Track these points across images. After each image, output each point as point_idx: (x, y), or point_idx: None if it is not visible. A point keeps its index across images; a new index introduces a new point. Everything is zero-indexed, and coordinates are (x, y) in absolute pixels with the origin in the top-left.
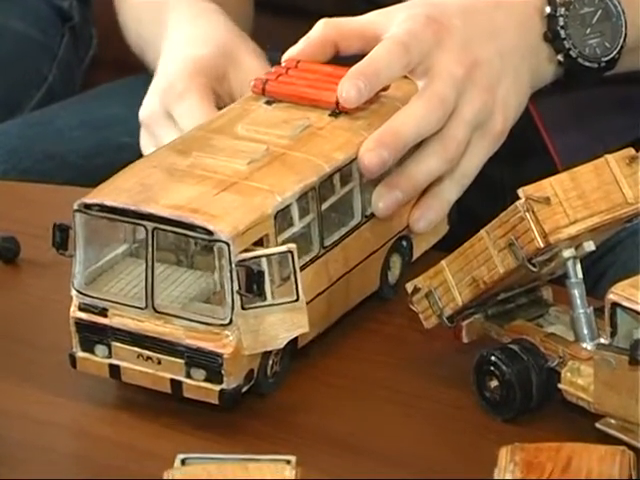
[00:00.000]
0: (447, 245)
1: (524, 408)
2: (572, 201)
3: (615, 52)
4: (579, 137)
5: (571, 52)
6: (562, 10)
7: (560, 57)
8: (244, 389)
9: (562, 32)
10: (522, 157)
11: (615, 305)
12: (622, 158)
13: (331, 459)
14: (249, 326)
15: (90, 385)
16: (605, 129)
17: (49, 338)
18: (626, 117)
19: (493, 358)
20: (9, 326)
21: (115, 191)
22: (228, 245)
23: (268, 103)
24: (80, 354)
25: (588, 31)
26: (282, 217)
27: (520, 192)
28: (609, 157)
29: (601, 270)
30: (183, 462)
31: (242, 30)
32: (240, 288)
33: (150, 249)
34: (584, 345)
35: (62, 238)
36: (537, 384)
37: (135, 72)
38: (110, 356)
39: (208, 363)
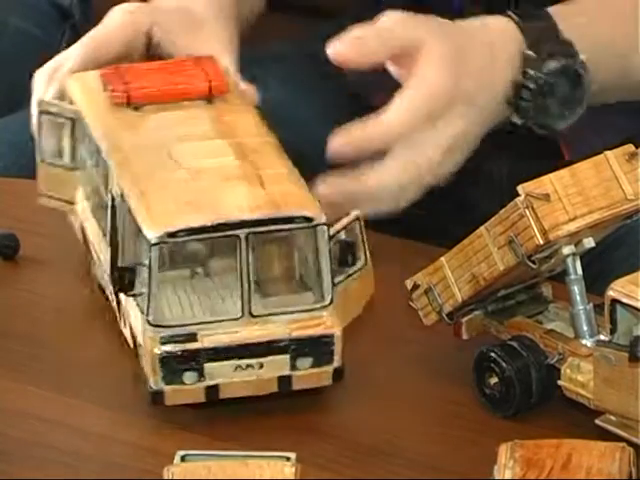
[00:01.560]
0: (447, 242)
1: (524, 405)
2: (572, 198)
3: (571, 120)
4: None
5: (528, 122)
6: (532, 85)
7: (516, 119)
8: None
9: (525, 105)
10: (526, 154)
11: (615, 302)
12: (622, 154)
13: (331, 456)
14: (338, 301)
15: (90, 383)
16: (605, 124)
17: (49, 335)
18: (627, 115)
19: (493, 355)
20: (9, 323)
21: (177, 215)
22: (328, 227)
23: (136, 109)
24: (168, 388)
25: (549, 102)
26: None
27: (520, 189)
28: (609, 153)
29: (597, 269)
30: (183, 459)
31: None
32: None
33: (245, 256)
34: (584, 342)
35: (131, 280)
36: (537, 381)
37: None
38: (202, 379)
39: (317, 348)
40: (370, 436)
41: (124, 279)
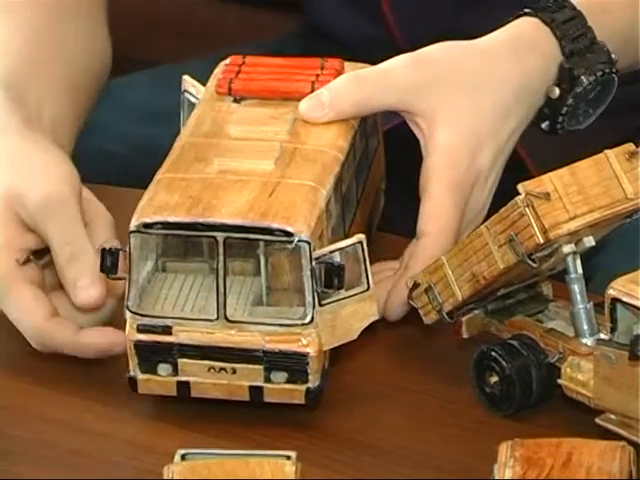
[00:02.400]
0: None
1: (524, 404)
2: (572, 196)
3: (595, 116)
4: (547, 144)
5: (557, 127)
6: (570, 100)
7: (544, 126)
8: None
9: (560, 118)
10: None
11: (615, 300)
12: (622, 153)
13: (331, 454)
14: (325, 322)
15: (90, 381)
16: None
17: None
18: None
19: (493, 354)
20: (10, 323)
21: (167, 207)
22: (309, 244)
23: (236, 101)
24: (141, 376)
25: (581, 105)
26: (327, 210)
27: (520, 187)
28: (609, 152)
29: (589, 272)
30: (183, 457)
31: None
32: (317, 285)
33: (222, 259)
34: (584, 341)
35: (112, 262)
36: (537, 380)
37: (135, 69)
38: (176, 374)
39: (291, 364)
40: (370, 435)
41: (106, 261)
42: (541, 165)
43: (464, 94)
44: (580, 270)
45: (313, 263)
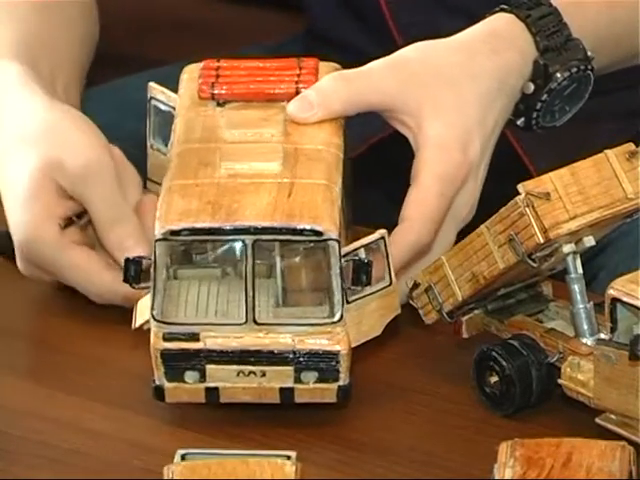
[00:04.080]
0: None
1: (524, 403)
2: (572, 196)
3: (571, 114)
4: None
5: (532, 123)
6: (544, 96)
7: (520, 122)
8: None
9: (535, 114)
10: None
11: (615, 300)
12: (622, 153)
13: (331, 454)
14: (352, 319)
15: (90, 381)
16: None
17: (50, 334)
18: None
19: (493, 353)
20: (9, 322)
21: (190, 214)
22: (338, 242)
23: (219, 105)
24: (168, 385)
25: (556, 102)
26: (340, 206)
27: (520, 187)
28: (609, 152)
29: (593, 271)
30: (183, 457)
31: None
32: (345, 282)
33: (250, 262)
34: (584, 340)
35: (136, 271)
36: (537, 379)
37: (135, 69)
38: (204, 380)
39: (322, 364)
40: (370, 434)
41: (130, 270)
42: (540, 165)
43: (446, 88)
44: (580, 270)
45: (342, 261)
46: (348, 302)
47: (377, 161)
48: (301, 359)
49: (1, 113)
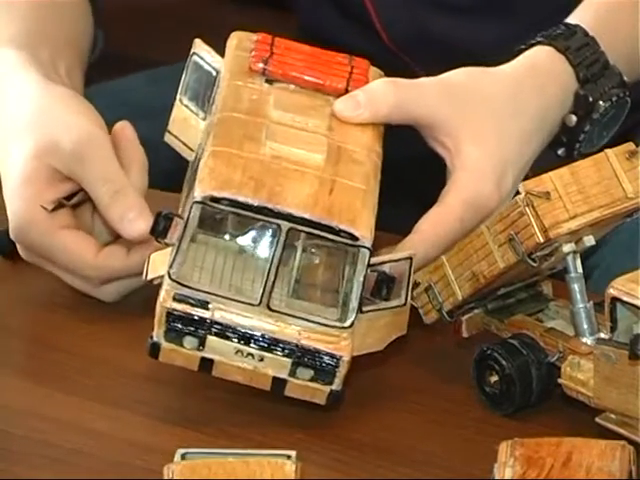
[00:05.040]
0: None
1: (524, 403)
2: (572, 196)
3: (608, 138)
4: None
5: (574, 152)
6: (587, 127)
7: (560, 152)
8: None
9: (577, 145)
10: None
11: (615, 300)
12: (622, 152)
13: (331, 454)
14: (360, 329)
15: (91, 381)
16: None
17: (50, 333)
18: None
19: (493, 353)
20: (9, 321)
21: (232, 184)
22: (370, 251)
23: (269, 82)
24: (165, 345)
25: (596, 130)
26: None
27: (520, 187)
28: (609, 152)
29: (587, 271)
30: (183, 457)
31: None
32: (364, 292)
33: (280, 248)
34: (584, 340)
35: (165, 227)
36: (537, 379)
37: (135, 69)
38: (202, 349)
39: (320, 364)
40: (370, 434)
41: (159, 225)
42: (537, 164)
43: (489, 118)
44: (580, 269)
45: (368, 270)
46: (362, 312)
47: None
48: (302, 354)
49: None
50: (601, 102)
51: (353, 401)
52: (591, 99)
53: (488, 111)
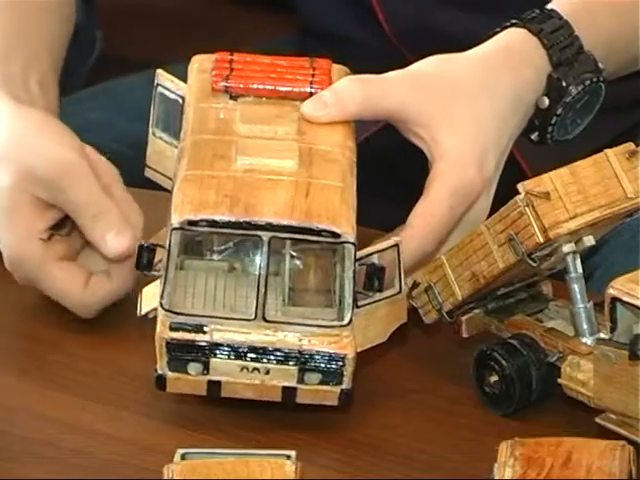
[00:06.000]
0: None
1: (524, 403)
2: (572, 196)
3: (583, 126)
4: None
5: (547, 137)
6: (559, 110)
7: (534, 136)
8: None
9: (550, 128)
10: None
11: (615, 300)
12: (622, 152)
13: (331, 454)
14: (359, 324)
15: (90, 381)
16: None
17: (50, 334)
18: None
19: (493, 353)
20: (9, 321)
21: (207, 205)
22: (355, 246)
23: (232, 98)
24: (171, 375)
25: (569, 115)
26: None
27: (520, 187)
28: (609, 152)
29: (589, 271)
30: (183, 457)
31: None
32: (356, 286)
33: (265, 259)
34: (584, 340)
35: (149, 259)
36: (537, 379)
37: (134, 69)
38: (207, 373)
39: (327, 366)
40: (370, 434)
41: (142, 258)
42: (535, 164)
43: (462, 103)
44: (580, 269)
45: (357, 265)
46: (358, 307)
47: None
48: (306, 360)
49: None
50: (573, 86)
51: (353, 401)
52: (564, 83)
53: (459, 96)
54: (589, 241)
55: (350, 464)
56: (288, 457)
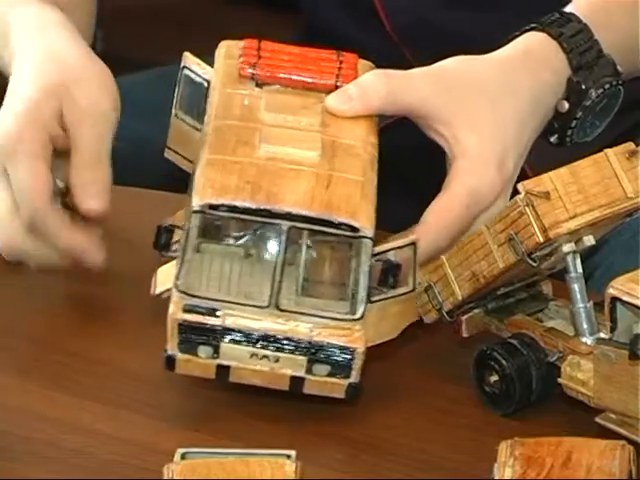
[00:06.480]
0: None
1: (524, 403)
2: (572, 195)
3: (601, 128)
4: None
5: (566, 140)
6: (579, 113)
7: (553, 139)
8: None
9: (570, 132)
10: None
11: (615, 300)
12: (622, 152)
13: (331, 454)
14: (372, 319)
15: (90, 381)
16: None
17: (50, 334)
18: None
19: (493, 353)
20: (9, 321)
21: (229, 190)
22: (372, 241)
23: (259, 86)
24: (180, 356)
25: (588, 118)
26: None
27: (520, 186)
28: (609, 151)
29: (589, 270)
30: (183, 457)
31: (84, 31)
32: (371, 282)
33: (283, 248)
34: (584, 340)
35: (167, 240)
36: (537, 379)
37: (135, 69)
38: (217, 357)
39: (336, 358)
40: (370, 434)
41: (161, 238)
42: (536, 164)
43: (483, 103)
44: (580, 269)
45: (373, 260)
46: (371, 302)
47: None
48: (316, 351)
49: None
50: (593, 90)
51: (352, 401)
52: (584, 86)
53: (481, 96)
54: (589, 241)
55: (350, 464)
56: (288, 457)
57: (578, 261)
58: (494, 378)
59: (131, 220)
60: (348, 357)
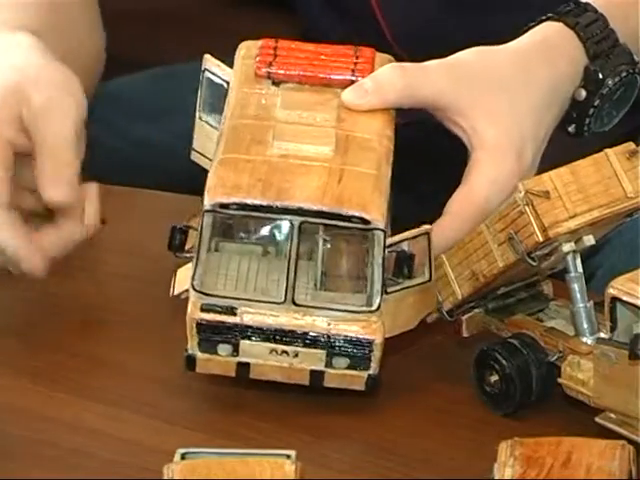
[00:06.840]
0: None
1: (524, 402)
2: (572, 195)
3: (618, 118)
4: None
5: (584, 129)
6: (597, 101)
7: (571, 129)
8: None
9: (587, 120)
10: None
11: (615, 299)
12: (622, 152)
13: (331, 454)
14: (389, 310)
15: (90, 381)
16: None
17: (50, 334)
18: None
19: (493, 352)
20: (9, 321)
21: (240, 189)
22: (384, 232)
23: (275, 84)
24: (201, 355)
25: (605, 107)
26: (388, 198)
27: (520, 185)
28: (609, 151)
29: (590, 270)
30: (183, 457)
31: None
32: (386, 273)
33: (295, 243)
34: (584, 339)
35: (181, 240)
36: (537, 378)
37: (135, 69)
38: (236, 354)
39: (355, 351)
40: (370, 434)
41: (175, 239)
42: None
43: (500, 95)
44: (580, 269)
45: (386, 252)
46: (387, 293)
47: None
48: (334, 344)
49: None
50: (609, 79)
51: (353, 401)
52: (601, 75)
53: (498, 86)
54: (589, 240)
55: (349, 463)
56: (288, 457)
57: (578, 261)
58: (494, 378)
59: (131, 220)
60: (367, 349)
